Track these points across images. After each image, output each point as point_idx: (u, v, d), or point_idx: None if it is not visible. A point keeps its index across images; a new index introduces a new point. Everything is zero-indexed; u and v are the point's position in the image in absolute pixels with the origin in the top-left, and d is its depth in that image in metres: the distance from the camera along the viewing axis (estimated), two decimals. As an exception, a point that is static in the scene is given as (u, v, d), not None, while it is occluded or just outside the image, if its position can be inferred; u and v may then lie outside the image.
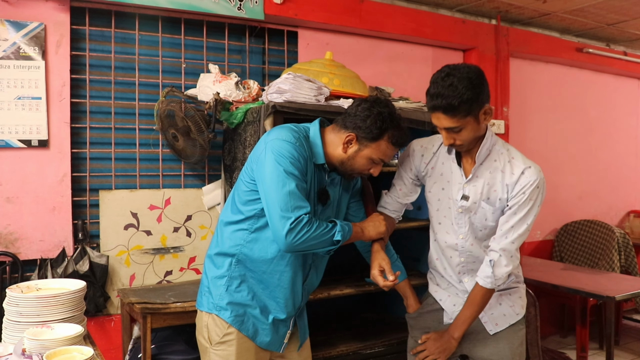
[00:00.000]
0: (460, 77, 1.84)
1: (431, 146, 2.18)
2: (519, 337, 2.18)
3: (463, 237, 2.11)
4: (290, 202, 1.82)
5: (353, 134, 1.96)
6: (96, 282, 2.97)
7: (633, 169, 5.77)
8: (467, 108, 1.86)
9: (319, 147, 1.99)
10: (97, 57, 3.09)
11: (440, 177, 2.14)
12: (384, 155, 2.00)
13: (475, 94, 1.85)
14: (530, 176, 1.97)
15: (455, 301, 2.22)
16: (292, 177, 1.85)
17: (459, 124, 1.89)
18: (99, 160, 3.11)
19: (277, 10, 3.39)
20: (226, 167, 3.25)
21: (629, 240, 4.88)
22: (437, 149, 2.16)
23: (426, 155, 2.18)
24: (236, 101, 3.07)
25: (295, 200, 1.83)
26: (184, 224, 3.27)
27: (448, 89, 1.83)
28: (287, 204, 1.82)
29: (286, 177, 1.84)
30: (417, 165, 2.20)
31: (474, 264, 2.14)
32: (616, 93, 5.61)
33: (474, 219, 2.07)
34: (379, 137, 1.95)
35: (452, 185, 2.10)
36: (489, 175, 2.03)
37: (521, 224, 1.99)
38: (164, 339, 2.95)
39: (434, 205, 2.18)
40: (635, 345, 4.75)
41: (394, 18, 3.90)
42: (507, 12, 4.38)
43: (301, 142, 1.92)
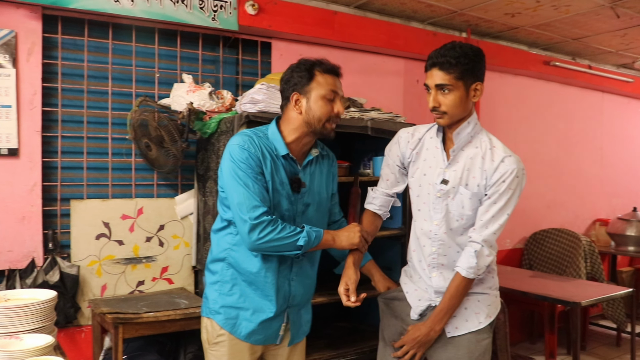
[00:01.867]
0: (463, 45, 2.00)
1: (417, 133, 2.21)
2: (481, 346, 2.12)
3: (437, 224, 2.10)
4: (245, 203, 1.93)
5: (294, 93, 2.06)
6: (67, 293, 2.93)
7: (598, 179, 5.93)
8: (462, 71, 1.96)
9: (278, 140, 2.07)
10: (70, 66, 3.07)
11: (424, 162, 2.15)
12: (330, 86, 2.07)
13: (472, 64, 1.98)
14: (510, 164, 2.01)
15: (420, 296, 2.20)
16: (244, 178, 1.95)
17: (450, 82, 1.97)
18: (71, 169, 3.08)
19: (251, 21, 3.42)
20: (199, 177, 3.26)
21: (594, 248, 5.01)
22: (423, 135, 2.19)
23: (412, 141, 2.20)
24: (210, 111, 3.09)
25: (250, 200, 1.93)
26: (157, 234, 3.26)
27: (449, 50, 1.98)
28: (243, 204, 1.93)
29: (239, 179, 1.95)
30: (403, 151, 2.21)
31: (445, 258, 2.12)
32: (581, 105, 5.77)
33: (451, 205, 2.08)
34: (311, 77, 2.05)
35: (434, 170, 2.11)
36: (469, 161, 2.06)
37: (501, 214, 2.02)
38: (136, 349, 2.93)
39: (414, 191, 2.19)
40: (601, 349, 4.87)
41: (366, 30, 3.96)
42: (477, 26, 4.49)
43: (253, 141, 2.01)
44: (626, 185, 6.23)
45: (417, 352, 2.13)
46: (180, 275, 3.33)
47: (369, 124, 3.04)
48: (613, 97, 6.07)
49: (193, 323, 2.80)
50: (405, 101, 4.33)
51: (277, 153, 2.06)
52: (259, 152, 2.00)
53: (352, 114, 3.11)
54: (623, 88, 5.93)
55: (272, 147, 2.06)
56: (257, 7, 3.42)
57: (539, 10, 4.07)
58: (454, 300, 2.08)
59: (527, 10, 4.05)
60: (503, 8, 4.01)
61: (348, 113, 3.13)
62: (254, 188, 1.95)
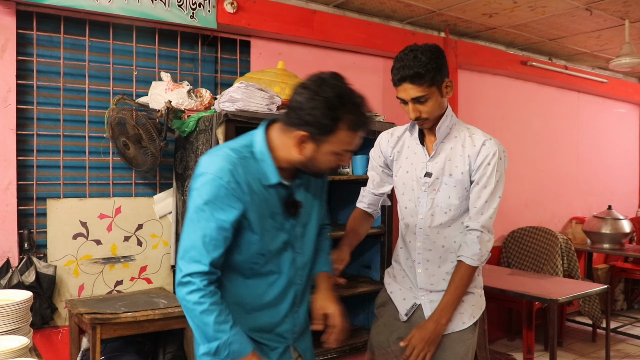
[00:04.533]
0: (423, 50, 1.96)
1: (397, 132, 2.26)
2: (465, 347, 2.11)
3: (423, 218, 2.12)
4: (191, 252, 1.55)
5: (304, 132, 1.59)
6: (43, 293, 2.89)
7: (574, 178, 6.03)
8: (432, 77, 1.96)
9: (269, 164, 1.64)
10: (45, 63, 3.03)
11: (406, 160, 2.18)
12: (347, 145, 1.66)
13: (438, 65, 1.97)
14: (492, 147, 2.05)
15: (405, 295, 2.20)
16: (206, 223, 1.55)
17: (425, 92, 1.97)
18: (47, 168, 3.04)
19: (230, 19, 3.41)
20: (178, 176, 3.24)
21: (571, 246, 5.08)
22: (402, 133, 2.22)
23: (392, 140, 2.24)
24: (188, 109, 3.07)
25: (198, 251, 1.54)
26: (135, 233, 3.23)
27: (413, 61, 1.94)
28: (184, 251, 1.57)
29: (198, 221, 1.56)
30: (384, 152, 2.25)
31: (430, 253, 2.13)
32: (558, 104, 5.86)
33: (437, 198, 2.09)
34: (334, 129, 1.58)
35: (416, 166, 2.14)
36: (450, 152, 2.08)
37: (493, 198, 2.05)
38: (114, 350, 2.90)
39: (399, 190, 2.22)
40: (577, 345, 4.94)
41: (345, 29, 3.97)
42: (455, 26, 4.53)
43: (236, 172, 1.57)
44: (601, 183, 6.34)
45: (428, 351, 2.05)
46: (159, 275, 3.30)
47: (348, 123, 3.05)
48: (588, 97, 6.18)
49: (172, 323, 2.78)
50: (384, 100, 4.35)
51: (267, 182, 1.64)
52: (242, 188, 1.57)
53: (331, 113, 3.12)
54: (598, 88, 6.04)
55: (260, 173, 1.63)
56: (236, 5, 3.41)
57: (516, 11, 4.12)
58: (459, 291, 2.07)
59: (505, 10, 4.10)
60: (481, 8, 4.05)
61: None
62: (211, 241, 1.55)
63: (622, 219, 5.24)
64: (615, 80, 6.28)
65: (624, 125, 6.69)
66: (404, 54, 1.99)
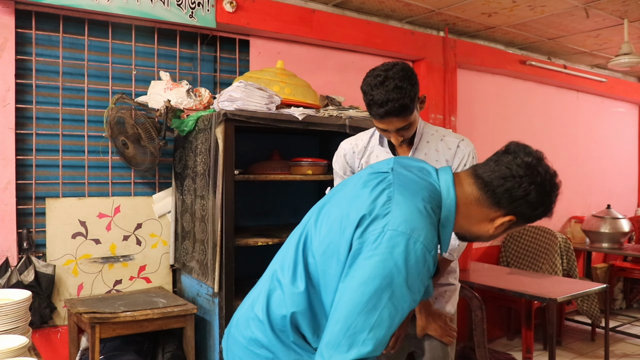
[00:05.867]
0: (399, 78, 1.86)
1: (361, 141, 2.22)
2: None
3: None
4: (358, 334, 1.21)
5: (512, 217, 1.40)
6: (42, 293, 2.89)
7: (573, 177, 6.03)
8: (412, 104, 1.90)
9: (448, 233, 1.42)
10: (44, 62, 3.03)
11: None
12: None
13: (416, 89, 1.91)
14: (466, 147, 2.09)
15: None
16: (398, 305, 1.24)
17: (409, 121, 1.93)
18: (46, 167, 3.04)
19: (229, 18, 3.41)
20: (177, 175, 3.24)
21: (570, 245, 5.09)
22: (367, 142, 2.20)
23: (357, 151, 2.22)
24: (187, 109, 3.07)
25: (380, 336, 1.23)
26: (134, 232, 3.23)
27: (395, 92, 1.84)
28: (358, 334, 1.21)
29: (390, 302, 1.23)
30: (351, 163, 2.24)
31: None
32: (557, 104, 5.86)
33: None
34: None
35: None
36: (424, 157, 2.09)
37: None
38: (113, 349, 2.90)
39: None
40: (576, 345, 4.95)
41: (344, 28, 3.97)
42: (454, 25, 4.53)
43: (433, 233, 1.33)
44: (600, 183, 6.34)
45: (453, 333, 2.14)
46: (158, 274, 3.30)
47: (347, 122, 3.05)
48: (587, 96, 6.18)
49: (171, 322, 2.78)
50: (383, 100, 4.34)
51: (438, 250, 1.40)
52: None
53: (330, 112, 3.12)
54: (597, 88, 6.04)
55: (433, 239, 1.33)
56: (235, 4, 3.41)
57: (515, 10, 4.12)
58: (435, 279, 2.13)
59: (504, 10, 4.10)
60: (480, 8, 4.05)
61: (326, 111, 3.14)
62: (392, 326, 1.25)
63: (620, 218, 5.25)
64: (614, 79, 6.28)
65: (623, 124, 6.70)
66: (378, 83, 1.87)
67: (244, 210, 3.43)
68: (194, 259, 3.00)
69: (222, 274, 2.72)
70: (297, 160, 3.19)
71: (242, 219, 3.41)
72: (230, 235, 2.73)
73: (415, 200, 1.31)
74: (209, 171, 2.80)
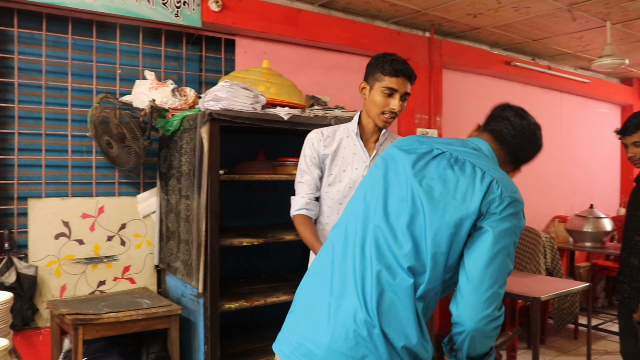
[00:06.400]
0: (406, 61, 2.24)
1: (330, 132, 2.33)
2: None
3: None
4: (502, 287, 1.49)
5: (518, 170, 1.83)
6: (24, 294, 2.86)
7: (557, 177, 6.09)
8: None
9: None
10: (27, 60, 2.99)
11: (342, 160, 2.27)
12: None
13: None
14: None
15: None
16: (512, 260, 1.53)
17: (409, 94, 2.22)
18: (28, 167, 3.01)
19: (214, 18, 3.39)
20: (162, 175, 3.22)
21: (554, 244, 5.14)
22: (334, 135, 2.31)
23: (323, 140, 2.30)
24: (172, 108, 3.05)
25: (504, 287, 1.51)
26: (118, 233, 3.21)
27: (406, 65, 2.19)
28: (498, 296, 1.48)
29: (509, 260, 1.51)
30: (318, 151, 2.29)
31: None
32: (541, 104, 5.91)
33: None
34: None
35: (357, 165, 2.25)
36: None
37: None
38: (97, 350, 2.87)
39: (334, 187, 2.27)
40: (559, 342, 5.00)
41: (330, 28, 3.97)
42: (440, 26, 4.55)
43: None
44: (584, 183, 6.41)
45: None
46: (142, 275, 3.28)
47: (332, 122, 3.05)
48: (571, 97, 6.24)
49: (155, 323, 2.76)
50: (369, 100, 4.36)
51: None
52: None
53: (316, 112, 3.12)
54: (580, 88, 6.11)
55: None
56: (221, 3, 3.39)
57: (500, 12, 4.15)
58: None
59: (489, 11, 4.13)
60: (465, 8, 4.08)
61: (312, 111, 3.14)
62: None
63: (603, 217, 5.31)
64: (597, 80, 6.36)
65: (606, 125, 6.77)
66: (395, 56, 2.19)
67: (229, 211, 3.42)
68: (179, 260, 2.98)
69: (207, 274, 2.70)
70: (282, 160, 3.18)
71: (227, 219, 3.39)
72: (215, 235, 2.72)
73: (499, 169, 1.59)
74: (194, 171, 2.79)
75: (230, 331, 3.31)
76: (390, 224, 1.53)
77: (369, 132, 2.30)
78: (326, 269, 1.58)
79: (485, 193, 1.48)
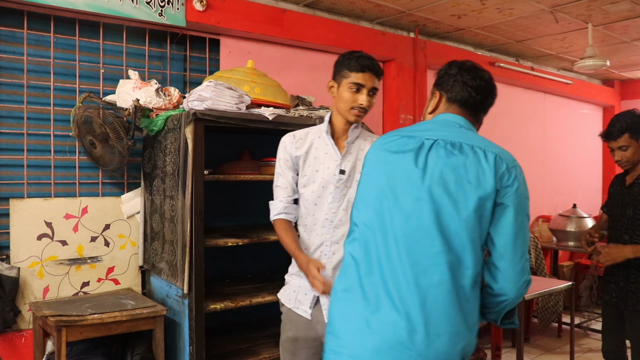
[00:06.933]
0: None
1: (302, 133, 2.34)
2: None
3: (334, 211, 2.23)
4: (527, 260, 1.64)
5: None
6: (5, 296, 2.82)
7: (541, 178, 6.15)
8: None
9: None
10: (8, 59, 2.96)
11: (314, 160, 2.28)
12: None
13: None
14: None
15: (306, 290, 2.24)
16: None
17: (377, 88, 2.24)
18: (10, 167, 2.97)
19: (199, 17, 3.38)
20: (146, 175, 3.20)
21: (537, 244, 5.19)
22: (306, 136, 2.32)
23: (295, 142, 2.31)
24: (156, 108, 3.04)
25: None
26: (102, 233, 3.18)
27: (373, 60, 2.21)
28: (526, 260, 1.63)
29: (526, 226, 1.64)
30: (291, 154, 2.30)
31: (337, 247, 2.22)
32: (525, 105, 5.97)
33: (350, 194, 2.23)
34: None
35: (328, 164, 2.26)
36: (359, 153, 2.28)
37: None
38: (81, 352, 2.85)
39: (309, 188, 2.27)
40: (543, 341, 5.05)
41: (315, 28, 3.98)
42: (424, 26, 4.57)
43: None
44: (567, 182, 6.48)
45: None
46: (126, 276, 3.26)
47: (317, 122, 3.05)
48: (554, 97, 6.31)
49: (140, 324, 2.75)
50: (355, 100, 4.37)
51: None
52: None
53: (300, 112, 3.12)
54: (563, 89, 6.17)
55: None
56: (205, 3, 3.38)
57: (484, 13, 4.18)
58: None
59: (473, 12, 4.16)
60: (450, 9, 4.10)
61: (297, 111, 3.14)
62: None
63: (586, 217, 5.37)
64: (580, 81, 6.43)
65: (588, 125, 6.86)
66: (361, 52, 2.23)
67: (214, 211, 3.40)
68: (164, 260, 2.97)
69: (192, 275, 2.69)
70: (267, 160, 3.18)
71: (212, 219, 3.38)
72: (200, 235, 2.71)
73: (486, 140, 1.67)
74: (179, 171, 2.78)
75: (216, 332, 3.29)
76: (413, 227, 1.56)
77: (340, 130, 2.30)
78: (354, 285, 1.61)
79: (495, 170, 1.56)
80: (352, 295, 1.60)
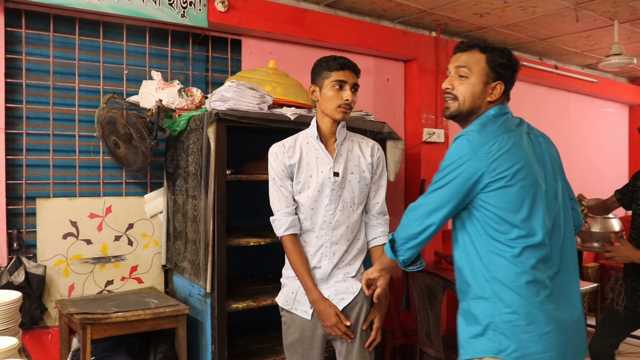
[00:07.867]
0: None
1: (290, 142, 2.35)
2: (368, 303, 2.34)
3: (332, 213, 2.26)
4: None
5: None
6: (32, 294, 2.87)
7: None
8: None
9: None
10: (35, 61, 3.01)
11: (307, 166, 2.29)
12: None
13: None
14: (379, 148, 2.43)
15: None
16: None
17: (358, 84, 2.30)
18: (36, 167, 3.02)
19: (221, 18, 3.40)
20: (169, 175, 3.23)
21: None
22: (294, 144, 2.34)
23: (287, 151, 2.32)
24: (179, 108, 3.06)
25: None
26: (126, 233, 3.22)
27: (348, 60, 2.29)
28: None
29: None
30: (285, 163, 2.30)
31: (336, 247, 2.27)
32: (548, 104, 5.89)
33: (344, 195, 2.29)
34: None
35: (322, 168, 2.27)
36: (349, 153, 2.34)
37: (385, 188, 2.42)
38: (105, 350, 2.89)
39: (304, 194, 2.28)
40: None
41: (337, 28, 3.97)
42: (446, 25, 4.54)
43: None
44: (592, 183, 6.37)
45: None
46: (150, 275, 3.29)
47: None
48: (578, 96, 6.21)
49: (163, 323, 2.77)
50: (375, 99, 4.35)
51: None
52: None
53: (322, 112, 3.11)
54: (588, 88, 6.08)
55: None
56: (227, 4, 3.40)
57: (506, 11, 4.13)
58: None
59: (495, 10, 4.12)
60: (472, 8, 4.07)
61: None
62: None
63: (611, 217, 5.27)
64: (605, 80, 6.32)
65: (614, 124, 6.74)
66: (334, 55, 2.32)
67: (235, 210, 3.41)
68: (186, 259, 2.99)
69: (214, 274, 2.71)
70: (289, 160, 3.18)
71: (234, 219, 3.39)
72: (222, 235, 2.73)
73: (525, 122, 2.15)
74: (201, 171, 2.79)
75: (238, 331, 3.31)
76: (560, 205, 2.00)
77: (328, 133, 2.32)
78: (546, 285, 1.75)
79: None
80: (553, 291, 1.83)
